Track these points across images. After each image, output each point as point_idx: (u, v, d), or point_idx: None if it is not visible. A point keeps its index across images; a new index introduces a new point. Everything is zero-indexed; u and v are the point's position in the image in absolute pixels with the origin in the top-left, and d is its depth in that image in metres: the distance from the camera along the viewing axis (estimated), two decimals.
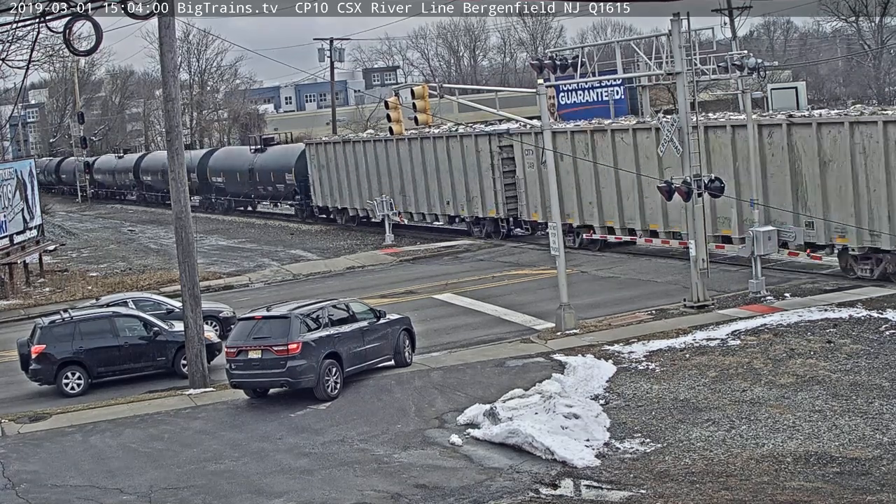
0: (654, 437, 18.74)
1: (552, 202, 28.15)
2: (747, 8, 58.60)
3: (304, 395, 22.49)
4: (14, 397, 26.48)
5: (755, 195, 30.27)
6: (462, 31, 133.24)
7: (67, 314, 27.36)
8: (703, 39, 31.95)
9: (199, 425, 21.81)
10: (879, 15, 75.76)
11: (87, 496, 17.94)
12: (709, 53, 30.56)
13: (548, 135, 28.33)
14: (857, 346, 22.81)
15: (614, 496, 16.39)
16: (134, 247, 56.28)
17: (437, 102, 28.90)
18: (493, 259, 41.05)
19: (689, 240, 28.91)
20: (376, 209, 48.69)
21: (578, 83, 47.69)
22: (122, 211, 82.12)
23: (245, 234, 58.17)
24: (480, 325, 29.66)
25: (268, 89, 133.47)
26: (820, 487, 15.95)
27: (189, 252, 25.45)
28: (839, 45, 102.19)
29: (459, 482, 17.25)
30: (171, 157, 25.65)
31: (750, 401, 20.03)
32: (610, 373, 22.65)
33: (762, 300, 28.46)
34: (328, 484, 17.61)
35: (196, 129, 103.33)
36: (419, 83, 31.84)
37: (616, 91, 54.22)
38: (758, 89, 50.66)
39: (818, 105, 55.87)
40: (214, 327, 29.12)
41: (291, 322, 22.42)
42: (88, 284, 42.25)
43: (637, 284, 33.33)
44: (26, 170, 47.56)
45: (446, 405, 21.57)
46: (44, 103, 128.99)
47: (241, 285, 40.79)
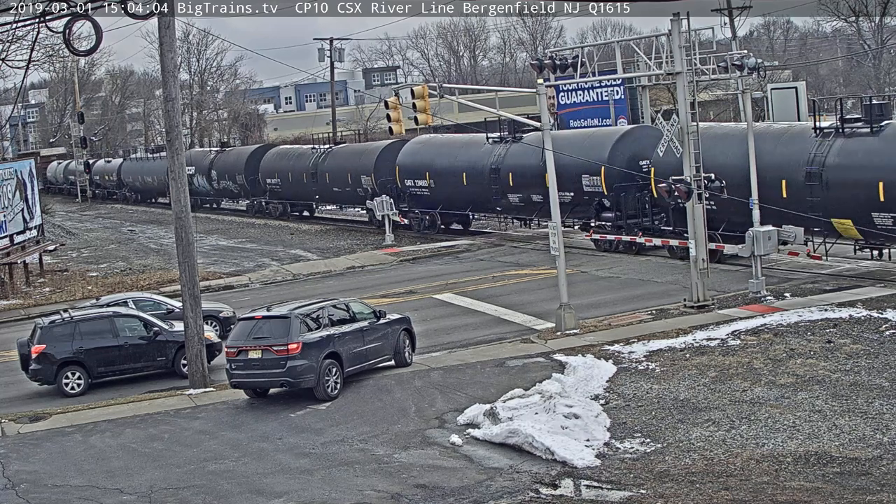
0: (654, 437, 18.74)
1: (552, 202, 28.13)
2: (747, 8, 58.53)
3: (304, 395, 22.48)
4: (14, 397, 26.48)
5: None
6: (462, 31, 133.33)
7: (67, 314, 27.35)
8: (703, 39, 31.98)
9: (199, 425, 21.81)
10: (879, 15, 75.67)
11: (87, 496, 17.93)
12: (709, 53, 30.56)
13: (547, 135, 28.33)
14: (857, 346, 22.81)
15: (614, 496, 16.39)
16: (134, 247, 56.29)
17: (437, 102, 28.91)
18: (493, 259, 41.05)
19: (689, 240, 28.92)
20: (376, 209, 48.68)
21: (578, 83, 47.75)
22: (121, 211, 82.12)
23: (245, 234, 58.17)
24: (480, 325, 29.66)
25: (268, 89, 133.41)
26: (820, 487, 15.94)
27: (189, 252, 25.45)
28: (839, 45, 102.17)
29: (459, 482, 17.25)
30: (171, 157, 25.64)
31: (750, 401, 20.02)
32: (610, 373, 22.64)
33: (762, 300, 28.47)
34: (328, 484, 17.61)
35: (196, 129, 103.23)
36: (419, 83, 31.86)
37: (616, 91, 54.19)
38: (758, 89, 50.64)
39: (819, 105, 55.69)
40: (214, 327, 29.13)
41: (291, 322, 22.42)
42: (88, 284, 42.24)
43: (637, 284, 33.33)
44: (26, 170, 47.56)
45: (446, 405, 21.57)
46: (44, 103, 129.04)
47: (241, 285, 40.79)
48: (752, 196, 30.05)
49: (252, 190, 65.82)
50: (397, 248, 46.00)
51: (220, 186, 70.71)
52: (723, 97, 70.48)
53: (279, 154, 64.55)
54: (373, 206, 49.22)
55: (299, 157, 60.82)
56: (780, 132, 32.98)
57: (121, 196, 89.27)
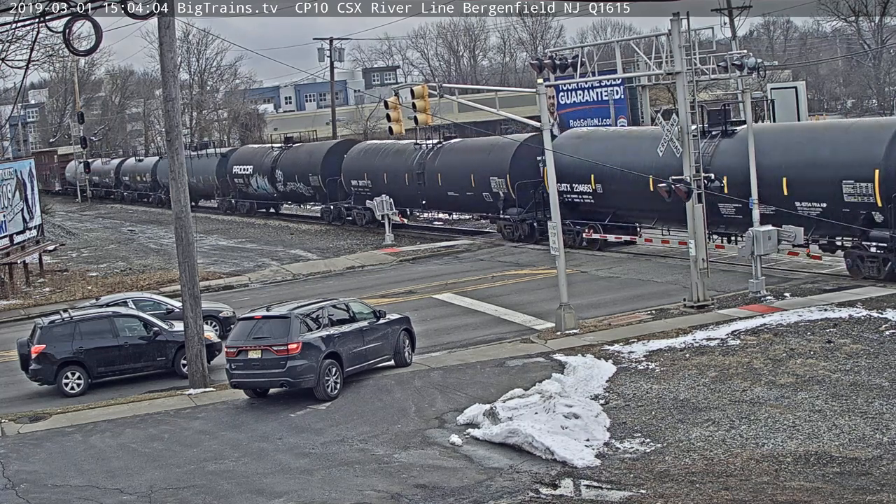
0: (654, 437, 18.73)
1: (552, 202, 28.12)
2: (747, 8, 58.56)
3: (304, 395, 22.48)
4: (14, 397, 26.48)
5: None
6: (462, 31, 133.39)
7: (67, 314, 27.35)
8: (703, 39, 31.93)
9: (199, 425, 21.81)
10: (879, 15, 75.73)
11: (87, 496, 17.93)
12: (709, 53, 30.55)
13: (547, 135, 28.33)
14: (857, 346, 22.80)
15: (614, 496, 16.38)
16: (134, 247, 56.29)
17: (437, 102, 28.94)
18: (492, 259, 41.05)
19: (689, 240, 28.92)
20: (376, 209, 48.64)
21: (578, 83, 47.71)
22: (121, 211, 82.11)
23: (245, 233, 58.16)
24: (480, 325, 29.66)
25: (268, 89, 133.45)
26: (820, 487, 15.93)
27: (189, 252, 25.45)
28: (839, 45, 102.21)
29: (459, 482, 17.24)
30: (171, 157, 25.62)
31: (750, 401, 20.02)
32: (610, 373, 22.64)
33: (762, 300, 28.46)
34: (328, 484, 17.60)
35: (196, 128, 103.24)
36: (419, 83, 31.87)
37: (616, 91, 54.17)
38: (758, 89, 50.64)
39: (818, 105, 55.94)
40: (214, 327, 29.14)
41: (291, 322, 22.42)
42: (88, 284, 42.25)
43: (637, 284, 33.34)
44: (26, 170, 47.58)
45: (446, 405, 21.56)
46: (44, 103, 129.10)
47: (241, 285, 40.80)
48: (752, 196, 30.05)
49: (330, 193, 56.72)
50: (397, 247, 46.00)
51: (287, 189, 61.58)
52: (723, 97, 70.50)
53: (369, 151, 54.90)
54: (373, 206, 49.15)
55: (398, 153, 51.64)
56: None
57: (155, 199, 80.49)
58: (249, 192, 66.51)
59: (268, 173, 63.00)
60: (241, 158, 67.14)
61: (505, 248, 43.25)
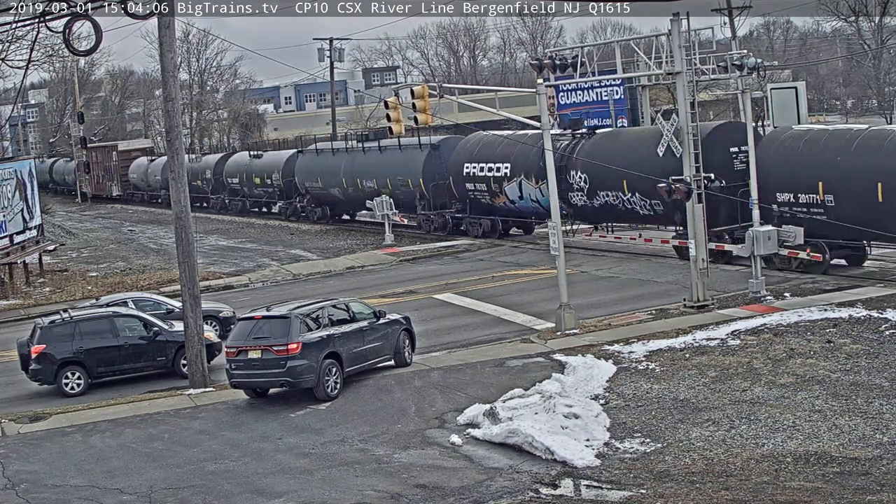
0: (654, 437, 18.73)
1: (552, 202, 28.13)
2: (747, 8, 58.50)
3: (304, 395, 22.49)
4: (14, 397, 26.48)
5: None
6: (462, 31, 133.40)
7: (67, 314, 27.35)
8: (703, 39, 31.95)
9: (199, 425, 21.81)
10: (879, 15, 75.67)
11: (87, 496, 17.93)
12: (709, 53, 30.58)
13: (547, 135, 28.32)
14: (857, 346, 22.81)
15: (614, 496, 16.38)
16: (134, 247, 56.29)
17: (437, 102, 28.93)
18: (492, 259, 41.05)
19: (689, 240, 28.91)
20: (376, 209, 48.64)
21: (578, 83, 47.68)
22: (121, 211, 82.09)
23: (245, 234, 58.16)
24: (480, 325, 29.65)
25: (268, 89, 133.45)
26: (820, 487, 15.93)
27: (189, 252, 25.44)
28: (839, 45, 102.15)
29: (459, 482, 17.25)
30: (171, 157, 25.62)
31: (750, 401, 20.02)
32: (610, 373, 22.64)
33: (762, 300, 28.46)
34: (328, 484, 17.60)
35: (196, 129, 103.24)
36: (419, 83, 31.88)
37: (616, 91, 54.10)
38: (757, 89, 50.62)
39: (819, 106, 55.85)
40: (214, 327, 29.13)
41: (291, 322, 22.41)
42: (88, 284, 42.25)
43: (637, 284, 33.34)
44: (26, 170, 47.59)
45: (446, 405, 21.56)
46: (44, 103, 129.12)
47: (241, 285, 40.79)
48: (752, 196, 30.06)
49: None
50: (397, 247, 45.99)
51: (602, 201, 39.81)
52: (723, 97, 70.46)
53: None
54: (372, 206, 49.15)
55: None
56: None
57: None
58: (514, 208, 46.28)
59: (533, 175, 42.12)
60: (511, 155, 44.45)
61: (505, 248, 43.25)
